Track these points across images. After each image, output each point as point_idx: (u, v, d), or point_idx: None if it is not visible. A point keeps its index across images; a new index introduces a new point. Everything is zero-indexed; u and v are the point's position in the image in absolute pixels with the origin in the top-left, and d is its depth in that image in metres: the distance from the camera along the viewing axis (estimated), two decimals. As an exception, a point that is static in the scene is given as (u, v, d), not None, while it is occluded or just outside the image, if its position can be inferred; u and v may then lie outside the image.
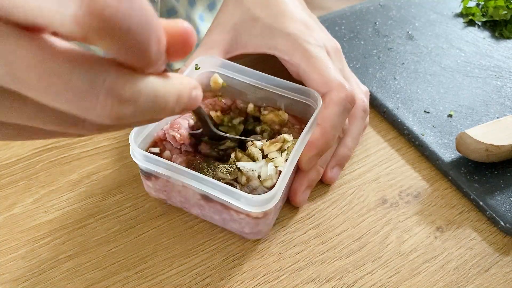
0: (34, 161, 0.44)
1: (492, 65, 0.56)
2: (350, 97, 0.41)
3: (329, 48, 0.45)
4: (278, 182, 0.34)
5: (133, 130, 0.37)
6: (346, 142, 0.44)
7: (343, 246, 0.40)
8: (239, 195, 0.33)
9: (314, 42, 0.43)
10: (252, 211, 0.34)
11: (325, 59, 0.43)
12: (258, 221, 0.36)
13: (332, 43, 0.46)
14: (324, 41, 0.45)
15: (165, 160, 0.35)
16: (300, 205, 0.42)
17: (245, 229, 0.37)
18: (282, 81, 0.42)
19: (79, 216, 0.40)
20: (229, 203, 0.35)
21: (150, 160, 0.36)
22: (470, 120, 0.50)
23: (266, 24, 0.44)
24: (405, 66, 0.55)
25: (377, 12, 0.63)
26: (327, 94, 0.41)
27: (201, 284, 0.37)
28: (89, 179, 0.43)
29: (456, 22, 0.62)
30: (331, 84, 0.41)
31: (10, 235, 0.39)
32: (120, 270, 0.37)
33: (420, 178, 0.45)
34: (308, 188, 0.42)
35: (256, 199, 0.33)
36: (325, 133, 0.39)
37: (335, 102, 0.40)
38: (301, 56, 0.42)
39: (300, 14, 0.46)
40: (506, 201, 0.43)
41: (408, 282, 0.38)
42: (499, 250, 0.41)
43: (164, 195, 0.40)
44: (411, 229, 0.41)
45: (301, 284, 0.37)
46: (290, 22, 0.44)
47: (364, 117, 0.45)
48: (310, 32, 0.44)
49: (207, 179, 0.34)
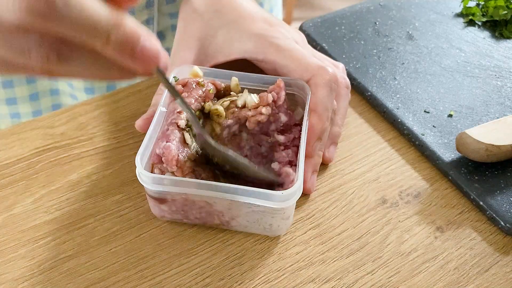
0: (34, 161, 0.44)
1: (492, 65, 0.56)
2: (334, 77, 0.42)
3: (297, 39, 0.46)
4: (297, 173, 0.36)
5: (139, 152, 0.36)
6: (337, 120, 0.45)
7: (343, 246, 0.40)
8: (267, 195, 0.35)
9: (282, 37, 0.44)
10: (282, 206, 0.36)
11: (298, 48, 0.44)
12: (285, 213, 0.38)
13: (297, 34, 0.47)
14: (290, 34, 0.46)
15: (181, 178, 0.36)
16: (311, 191, 0.43)
17: (272, 224, 0.38)
18: (263, 76, 0.43)
19: (79, 216, 0.40)
20: (259, 205, 0.36)
21: (164, 181, 0.35)
22: (470, 120, 0.50)
23: (229, 30, 0.45)
24: (405, 66, 0.55)
25: (377, 12, 0.63)
26: (311, 79, 0.42)
27: (201, 284, 0.37)
28: (89, 179, 0.43)
29: (456, 22, 0.62)
30: (312, 69, 0.42)
31: (10, 235, 0.39)
32: (120, 270, 0.37)
33: (420, 178, 0.45)
34: (314, 172, 0.43)
35: (286, 194, 0.35)
36: (320, 117, 0.41)
37: (321, 85, 0.42)
38: (274, 52, 0.43)
39: (258, 13, 0.46)
40: (506, 201, 0.43)
41: (408, 282, 0.38)
42: (499, 250, 0.41)
43: (182, 215, 0.39)
44: (411, 229, 0.41)
45: (301, 284, 0.37)
46: (252, 23, 0.45)
47: (347, 93, 0.47)
48: (274, 28, 0.45)
49: (233, 187, 0.35)
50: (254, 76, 0.43)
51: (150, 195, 0.38)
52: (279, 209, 0.36)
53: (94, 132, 0.47)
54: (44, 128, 0.47)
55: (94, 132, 0.47)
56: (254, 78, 0.44)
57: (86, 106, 0.49)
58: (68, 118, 0.48)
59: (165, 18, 0.59)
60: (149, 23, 0.58)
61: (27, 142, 0.45)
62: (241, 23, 0.45)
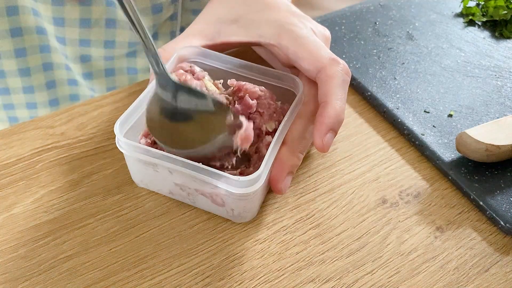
0: (34, 161, 0.44)
1: (492, 65, 0.56)
2: (345, 69, 0.40)
3: (317, 33, 0.45)
4: (263, 163, 0.36)
5: (118, 121, 0.37)
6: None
7: (343, 246, 0.40)
8: (224, 177, 0.35)
9: (301, 25, 0.43)
10: (238, 193, 0.36)
11: (314, 38, 0.42)
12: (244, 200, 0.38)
13: (321, 28, 0.46)
14: (312, 26, 0.45)
15: (148, 147, 0.37)
16: (282, 193, 0.40)
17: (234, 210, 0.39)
18: (262, 67, 0.43)
19: (79, 216, 0.40)
20: (216, 186, 0.36)
21: (136, 148, 0.37)
22: (470, 120, 0.50)
23: (251, 16, 0.44)
24: (405, 66, 0.55)
25: (377, 12, 0.63)
26: (321, 71, 0.40)
27: (201, 284, 0.37)
28: (89, 179, 0.43)
29: (456, 22, 0.62)
30: (323, 60, 0.40)
31: (10, 235, 0.39)
32: (120, 270, 0.37)
33: (420, 178, 0.45)
34: (290, 174, 0.40)
35: (242, 180, 0.35)
36: (333, 108, 0.38)
37: (332, 76, 0.39)
38: (289, 38, 0.42)
39: (285, 5, 0.46)
40: (506, 201, 0.43)
41: (408, 282, 0.38)
42: (499, 250, 0.41)
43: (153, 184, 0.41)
44: (411, 229, 0.41)
45: (301, 284, 0.37)
46: (275, 12, 0.44)
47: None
48: (296, 18, 0.44)
49: (192, 164, 0.35)
50: (249, 64, 0.43)
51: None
52: (239, 195, 0.36)
53: (94, 132, 0.47)
54: (44, 128, 0.47)
55: (94, 132, 0.47)
56: (248, 66, 0.43)
57: (86, 106, 0.49)
58: (68, 118, 0.48)
59: (188, 14, 0.61)
60: (173, 18, 0.59)
61: (27, 142, 0.45)
62: (265, 12, 0.44)
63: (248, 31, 0.44)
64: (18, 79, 0.58)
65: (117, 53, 0.59)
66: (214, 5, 0.47)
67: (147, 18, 0.56)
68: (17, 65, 0.57)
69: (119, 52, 0.59)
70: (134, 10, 0.34)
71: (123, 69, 0.62)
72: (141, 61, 0.62)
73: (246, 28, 0.44)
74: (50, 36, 0.56)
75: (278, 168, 0.39)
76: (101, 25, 0.55)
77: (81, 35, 0.55)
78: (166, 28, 0.60)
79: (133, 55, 0.61)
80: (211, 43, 0.45)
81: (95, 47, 0.57)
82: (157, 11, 0.56)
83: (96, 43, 0.57)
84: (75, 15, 0.53)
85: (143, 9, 0.55)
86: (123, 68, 0.61)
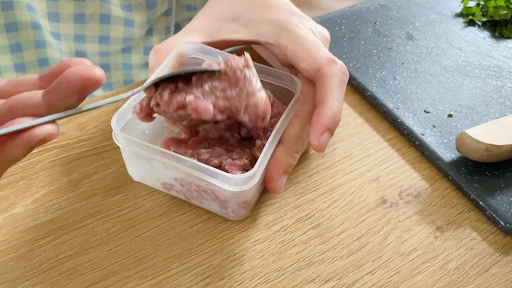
0: (34, 161, 0.44)
1: (492, 65, 0.56)
2: (343, 69, 0.40)
3: (316, 33, 0.45)
4: (258, 161, 0.36)
5: (115, 115, 0.37)
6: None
7: (343, 246, 0.40)
8: (219, 175, 0.35)
9: (300, 25, 0.43)
10: (232, 190, 0.36)
11: (313, 38, 0.42)
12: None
13: (320, 29, 0.46)
14: (311, 26, 0.44)
15: (143, 142, 0.37)
16: (277, 192, 0.40)
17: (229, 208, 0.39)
18: (261, 66, 0.42)
19: (79, 216, 0.40)
20: (209, 183, 0.36)
21: (133, 143, 0.37)
22: (470, 120, 0.50)
23: (251, 15, 0.44)
24: (405, 66, 0.55)
25: (377, 12, 0.63)
26: (319, 70, 0.40)
27: (201, 284, 0.37)
28: (89, 179, 0.43)
29: (456, 22, 0.62)
30: (321, 60, 0.40)
31: (10, 235, 0.39)
32: (120, 270, 0.37)
33: (420, 178, 0.45)
34: (285, 173, 0.40)
35: (237, 178, 0.35)
36: (330, 108, 0.38)
37: (330, 76, 0.39)
38: (288, 38, 0.42)
39: (286, 6, 0.46)
40: (506, 201, 0.43)
41: (408, 282, 0.38)
42: (499, 250, 0.41)
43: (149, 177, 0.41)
44: (411, 229, 0.41)
45: (301, 284, 0.37)
46: (275, 11, 0.44)
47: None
48: (296, 18, 0.44)
49: (187, 159, 0.35)
50: (254, 65, 0.43)
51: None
52: (233, 193, 0.36)
53: (94, 132, 0.47)
54: (44, 128, 0.47)
55: (94, 132, 0.47)
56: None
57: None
58: (68, 118, 0.48)
59: (183, 10, 0.61)
60: (167, 14, 0.59)
61: (27, 142, 0.45)
62: (265, 11, 0.44)
63: (248, 30, 0.44)
64: (14, 75, 0.58)
65: (112, 49, 0.59)
66: (215, 2, 0.47)
67: (141, 13, 0.56)
68: (12, 60, 0.57)
69: (114, 48, 0.59)
70: None
71: (118, 65, 0.62)
72: (136, 57, 0.61)
73: (246, 27, 0.44)
74: (45, 31, 0.56)
75: (274, 167, 0.39)
76: (95, 21, 0.55)
77: (76, 30, 0.55)
78: (161, 23, 0.60)
79: (128, 51, 0.60)
80: (211, 40, 0.45)
81: (90, 43, 0.57)
82: (151, 6, 0.56)
83: (91, 39, 0.57)
84: (69, 10, 0.53)
85: (137, 4, 0.54)
86: (118, 64, 0.61)
